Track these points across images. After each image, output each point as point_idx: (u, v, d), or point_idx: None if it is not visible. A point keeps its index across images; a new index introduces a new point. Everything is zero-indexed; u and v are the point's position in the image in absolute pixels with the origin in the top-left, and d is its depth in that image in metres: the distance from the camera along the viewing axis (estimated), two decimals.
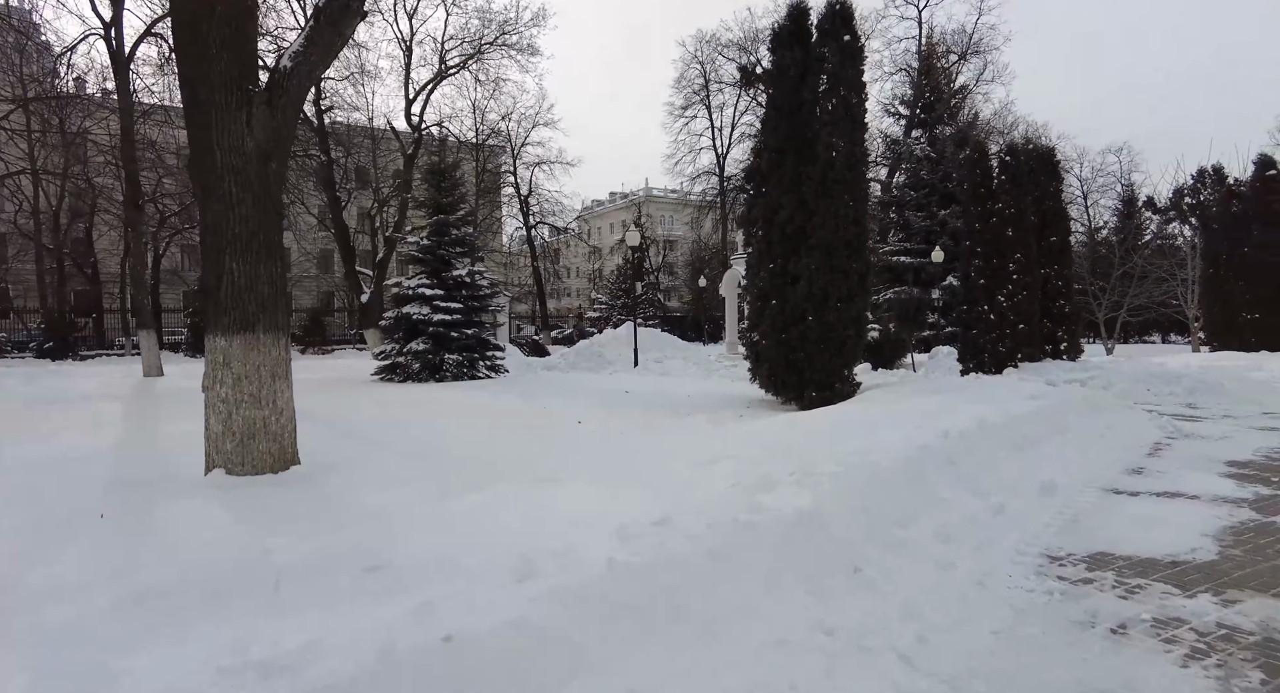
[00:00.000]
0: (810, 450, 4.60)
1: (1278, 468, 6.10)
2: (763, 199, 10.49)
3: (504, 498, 3.55)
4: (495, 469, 5.06)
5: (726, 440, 5.60)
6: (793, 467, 4.05)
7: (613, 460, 5.14)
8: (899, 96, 29.24)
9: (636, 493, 3.55)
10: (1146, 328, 38.01)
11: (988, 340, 13.55)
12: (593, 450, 6.08)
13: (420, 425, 8.50)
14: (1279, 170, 19.88)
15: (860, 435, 5.25)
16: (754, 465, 4.14)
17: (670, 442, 6.08)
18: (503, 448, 6.51)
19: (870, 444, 4.77)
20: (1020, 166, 13.91)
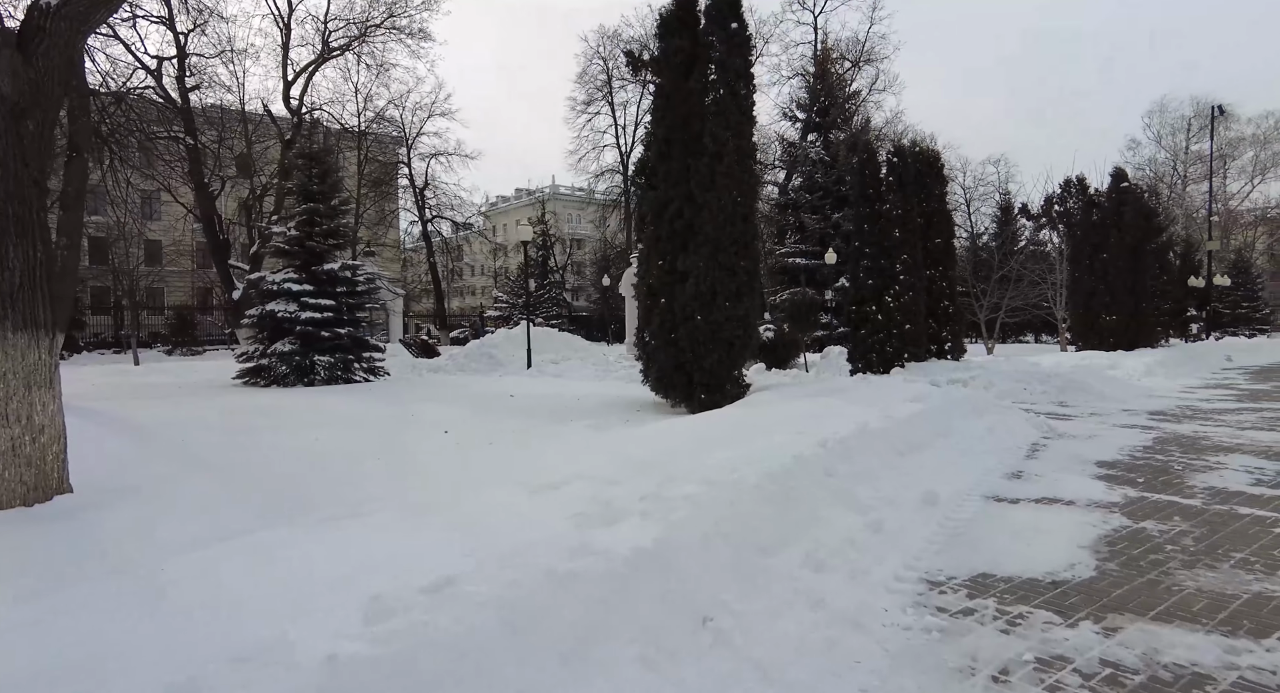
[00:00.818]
0: (676, 465, 4.07)
1: (1141, 468, 6.13)
2: (652, 193, 10.00)
3: (263, 547, 2.78)
4: (305, 496, 4.24)
5: (592, 454, 5.00)
6: (649, 488, 3.50)
7: (445, 484, 4.43)
8: (796, 100, 29.80)
9: (440, 535, 2.87)
10: (1022, 329, 40.69)
11: (876, 340, 13.68)
12: (434, 469, 5.32)
13: (259, 439, 7.42)
14: (1130, 182, 21.49)
15: (735, 444, 4.78)
16: (605, 487, 3.56)
17: (527, 457, 5.43)
18: (335, 467, 5.64)
19: (742, 455, 4.29)
20: (907, 169, 14.14)
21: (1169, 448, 7.03)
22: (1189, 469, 6.04)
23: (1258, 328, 37.35)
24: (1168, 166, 44.79)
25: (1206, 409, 10.07)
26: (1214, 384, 14.03)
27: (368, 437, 7.60)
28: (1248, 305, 37.33)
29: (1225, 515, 4.61)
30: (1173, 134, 44.65)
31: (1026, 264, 28.70)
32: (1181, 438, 7.61)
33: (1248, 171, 46.51)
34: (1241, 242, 46.29)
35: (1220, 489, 5.30)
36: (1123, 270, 19.50)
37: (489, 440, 7.05)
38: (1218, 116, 35.22)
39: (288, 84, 27.07)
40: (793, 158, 28.97)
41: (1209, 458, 6.50)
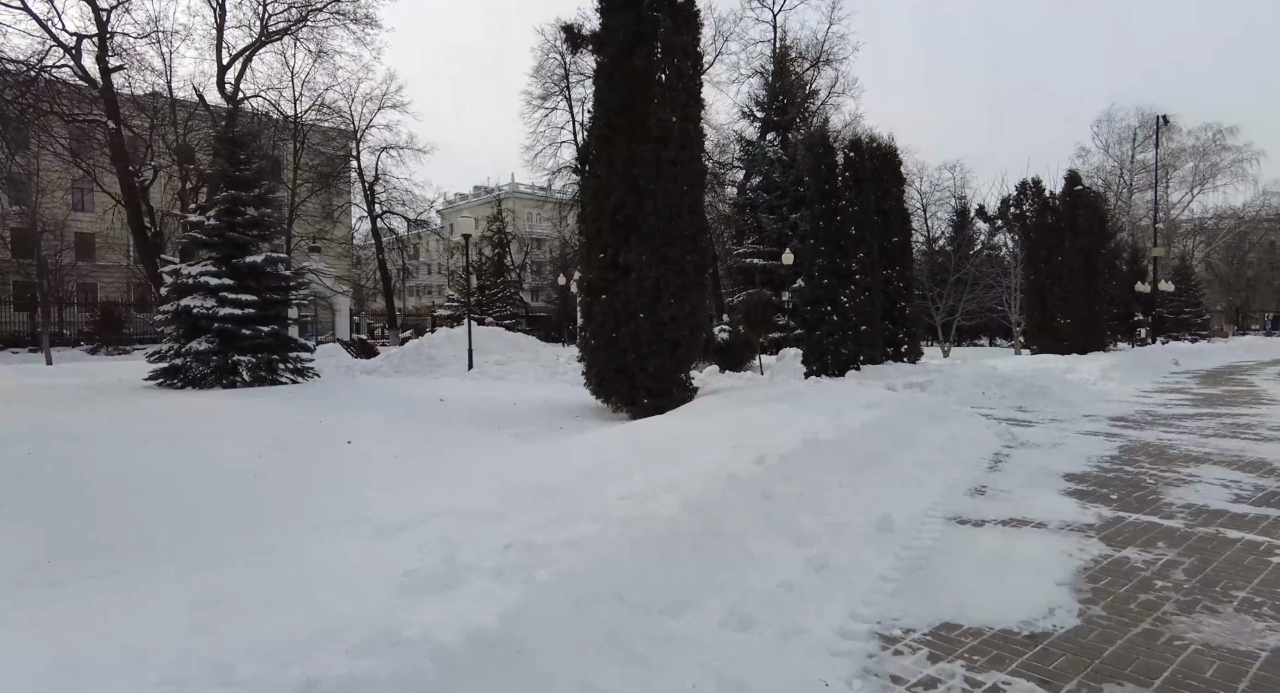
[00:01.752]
0: (581, 492, 3.34)
1: (1112, 482, 5.61)
2: (593, 181, 9.25)
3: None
4: (104, 536, 3.36)
5: (490, 476, 4.22)
6: (525, 531, 2.75)
7: (286, 521, 3.58)
8: (755, 99, 29.38)
9: (168, 625, 2.04)
10: (977, 332, 41.08)
11: (831, 342, 13.15)
12: (296, 495, 4.45)
13: (127, 452, 6.44)
14: (1083, 186, 21.53)
15: (662, 461, 4.07)
16: (473, 527, 2.81)
17: (421, 474, 4.60)
18: (187, 490, 4.74)
19: (665, 477, 3.58)
20: (864, 165, 13.65)
21: (1137, 458, 6.56)
22: (1162, 483, 5.53)
23: (1198, 333, 38.38)
24: (1115, 175, 45.84)
25: (1166, 415, 9.75)
26: (1167, 388, 13.89)
27: (259, 449, 6.67)
28: (1190, 311, 38.29)
29: (1213, 541, 4.06)
30: (1119, 143, 45.75)
31: (982, 268, 28.78)
32: (1148, 447, 7.17)
33: (1188, 182, 47.95)
34: (1182, 249, 47.68)
35: (1200, 507, 4.78)
36: (1077, 274, 19.46)
37: (394, 453, 6.21)
38: (1162, 127, 36.06)
39: (222, 68, 25.57)
40: (751, 157, 28.52)
41: (1180, 470, 6.02)
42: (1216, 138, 45.67)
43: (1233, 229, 53.68)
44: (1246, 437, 7.76)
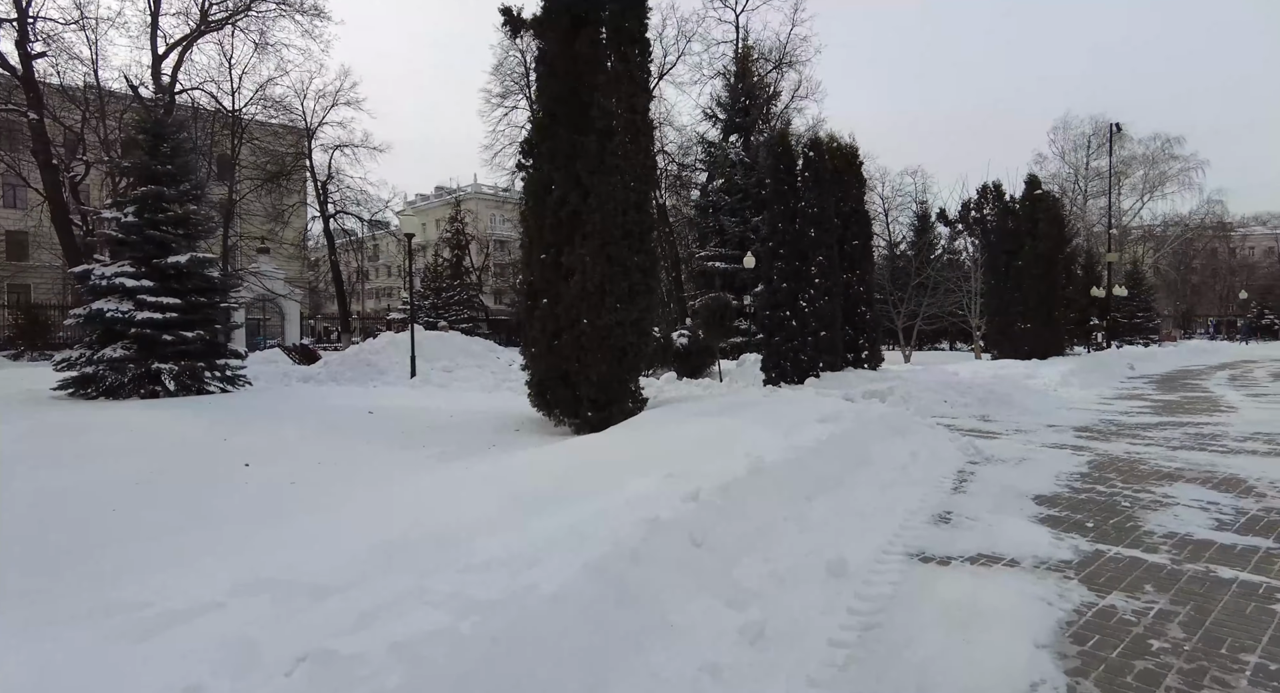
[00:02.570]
0: (435, 562, 2.65)
1: (1085, 505, 5.14)
2: (534, 175, 8.59)
3: None
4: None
5: (368, 518, 3.52)
6: (349, 624, 2.08)
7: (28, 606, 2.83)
8: (717, 100, 29.00)
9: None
10: (937, 336, 41.36)
11: (790, 348, 12.67)
12: (100, 550, 3.65)
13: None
14: (1043, 190, 21.57)
15: (575, 499, 3.44)
16: (281, 618, 2.13)
17: (293, 510, 3.86)
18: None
19: (569, 528, 2.95)
20: (824, 166, 13.24)
21: (1108, 476, 6.13)
22: (1138, 506, 5.08)
23: (1149, 337, 39.20)
24: (1070, 181, 46.70)
25: (1130, 424, 9.44)
26: (1126, 394, 13.73)
27: (142, 473, 5.84)
28: (1142, 315, 39.07)
29: (1206, 582, 3.57)
30: (1075, 150, 46.63)
31: (943, 272, 28.83)
32: (1117, 462, 6.77)
33: (1139, 189, 49.12)
34: (1134, 255, 48.81)
35: (1184, 537, 4.31)
36: (1037, 279, 19.40)
37: (291, 479, 5.45)
38: (1115, 135, 36.73)
39: (158, 58, 24.16)
40: (713, 159, 28.13)
41: (1154, 489, 5.59)
42: (1165, 147, 46.88)
43: (1179, 236, 55.25)
44: (1214, 449, 7.43)
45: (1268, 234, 78.07)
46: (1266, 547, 4.11)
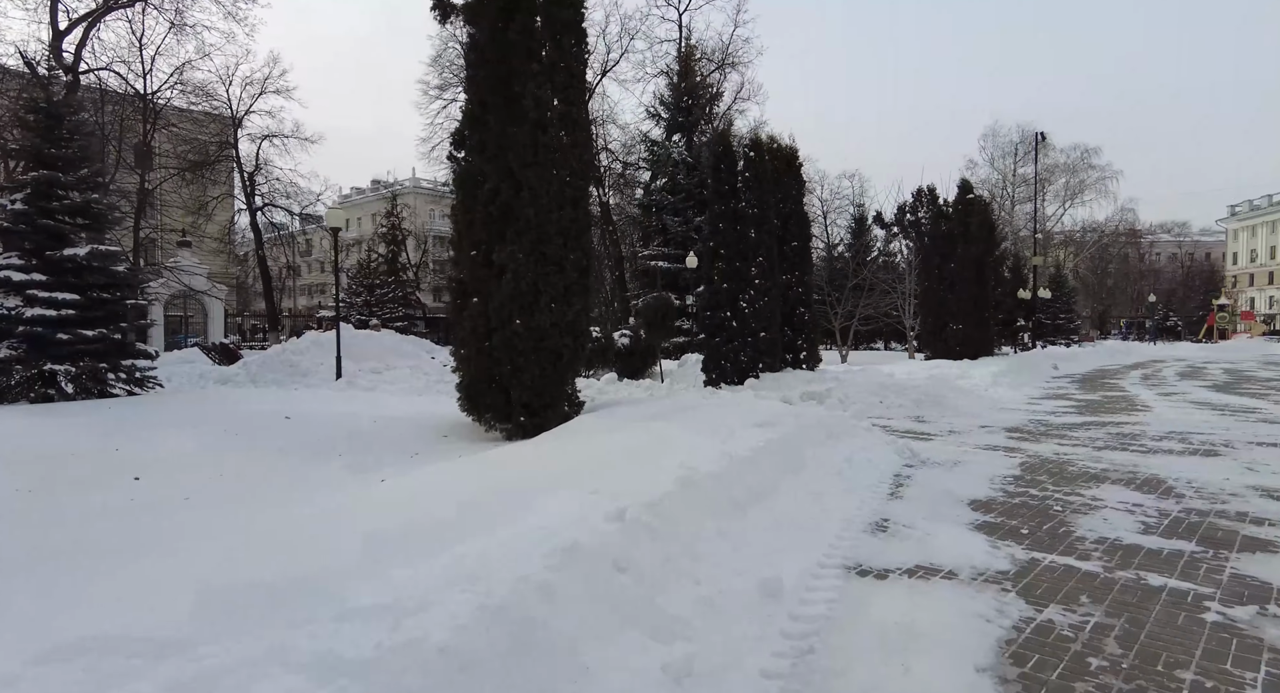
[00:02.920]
0: (306, 610, 2.30)
1: (1019, 509, 5.13)
2: (464, 167, 8.18)
3: None
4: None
5: (240, 549, 3.12)
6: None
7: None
8: (660, 98, 28.88)
9: None
10: (874, 336, 42.36)
11: (730, 349, 12.59)
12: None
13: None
14: (975, 194, 22.23)
15: (487, 525, 3.13)
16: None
17: (134, 554, 3.39)
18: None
19: (474, 559, 2.64)
20: (763, 166, 13.21)
21: (1039, 478, 6.17)
22: (1069, 509, 5.09)
23: (1070, 338, 41.13)
24: (999, 187, 48.58)
25: (1057, 424, 9.68)
26: (1052, 394, 14.19)
27: (21, 485, 5.22)
28: (1064, 317, 40.95)
29: (1137, 592, 3.52)
30: (1003, 157, 48.55)
31: (879, 274, 29.47)
32: (1047, 463, 6.85)
33: (1061, 196, 51.55)
34: (1055, 259, 51.16)
35: (1114, 542, 4.30)
36: (969, 281, 19.94)
37: (185, 495, 4.94)
38: (1040, 143, 38.36)
39: (58, 33, 22.44)
40: (656, 158, 27.99)
41: (1083, 491, 5.64)
42: (1084, 156, 49.32)
43: (1096, 241, 58.25)
44: (1135, 449, 7.63)
45: (1172, 241, 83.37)
46: (1190, 551, 4.13)
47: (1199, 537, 4.39)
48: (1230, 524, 4.66)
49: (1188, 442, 8.06)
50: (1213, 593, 3.47)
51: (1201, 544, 4.23)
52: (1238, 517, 4.85)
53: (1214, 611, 3.27)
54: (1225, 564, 3.88)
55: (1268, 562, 3.94)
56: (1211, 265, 79.20)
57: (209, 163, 35.09)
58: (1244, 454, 7.22)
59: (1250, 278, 72.12)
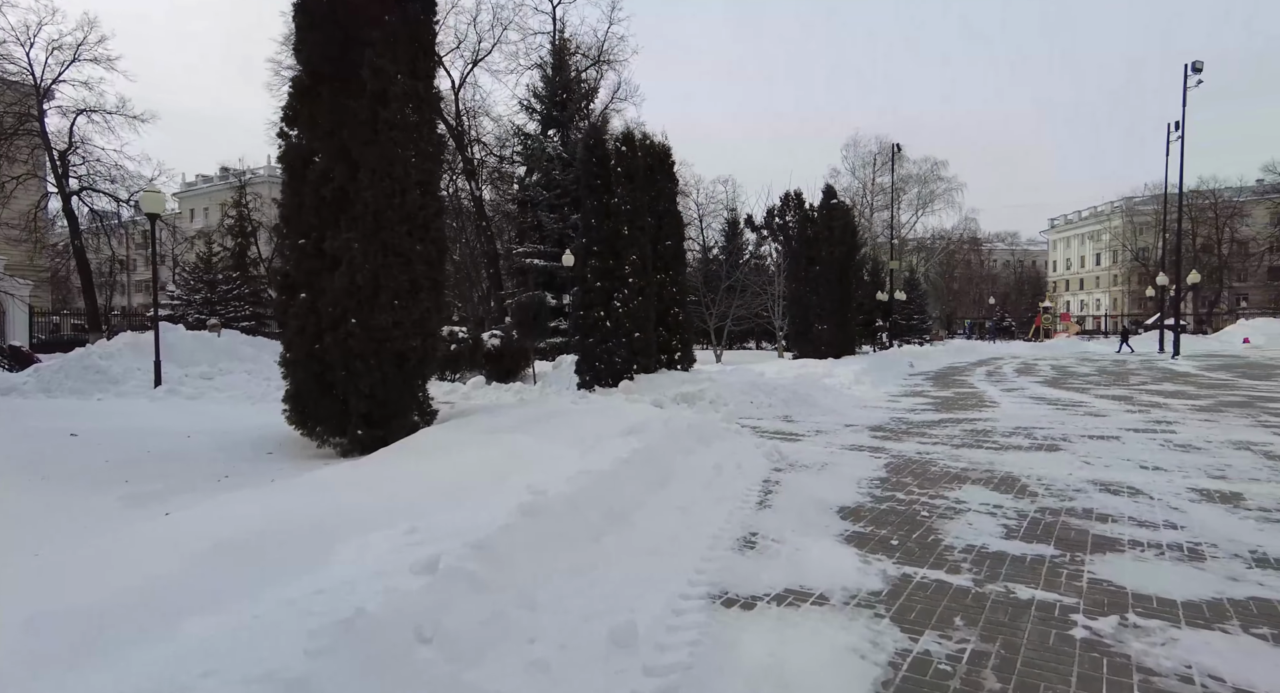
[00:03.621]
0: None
1: (887, 516, 4.97)
2: (293, 145, 7.15)
3: None
4: None
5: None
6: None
7: None
8: (534, 92, 28.04)
9: None
10: (746, 336, 43.61)
11: (604, 350, 12.13)
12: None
13: None
14: (839, 199, 23.21)
15: (240, 593, 2.38)
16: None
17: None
18: None
19: (222, 650, 1.92)
20: (637, 162, 12.86)
21: (904, 480, 6.12)
22: (935, 514, 4.99)
23: (923, 337, 44.38)
24: (859, 195, 51.65)
25: (916, 422, 9.97)
26: (910, 392, 14.84)
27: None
28: (917, 317, 44.09)
29: (1008, 607, 3.34)
30: (863, 166, 51.66)
31: (750, 276, 30.23)
32: (911, 463, 6.87)
33: (914, 205, 55.67)
34: (909, 264, 55.15)
35: (980, 550, 4.18)
36: (833, 282, 20.69)
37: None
38: (896, 155, 41.05)
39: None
40: (530, 152, 27.14)
41: (947, 493, 5.61)
42: (934, 168, 53.51)
43: (944, 248, 63.42)
44: (988, 446, 7.88)
45: (1006, 249, 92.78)
46: (1050, 555, 4.06)
47: (1055, 538, 4.37)
48: (1080, 523, 4.71)
49: (1033, 437, 8.46)
50: (1076, 604, 3.34)
51: (1059, 548, 4.19)
52: (1084, 514, 4.93)
53: (1081, 625, 3.12)
54: (1082, 569, 3.82)
55: (1116, 562, 3.94)
56: (1038, 272, 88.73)
57: (4, 136, 30.31)
58: (1080, 448, 7.62)
59: (1067, 283, 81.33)
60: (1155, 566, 3.86)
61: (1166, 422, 9.58)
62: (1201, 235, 54.99)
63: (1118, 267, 69.97)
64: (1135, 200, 66.36)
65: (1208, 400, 12.25)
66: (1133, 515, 4.84)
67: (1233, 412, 10.63)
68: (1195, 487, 5.69)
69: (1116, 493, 5.51)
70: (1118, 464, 6.66)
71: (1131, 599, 3.39)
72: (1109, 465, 6.62)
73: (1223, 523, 4.66)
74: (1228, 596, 3.44)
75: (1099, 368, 22.67)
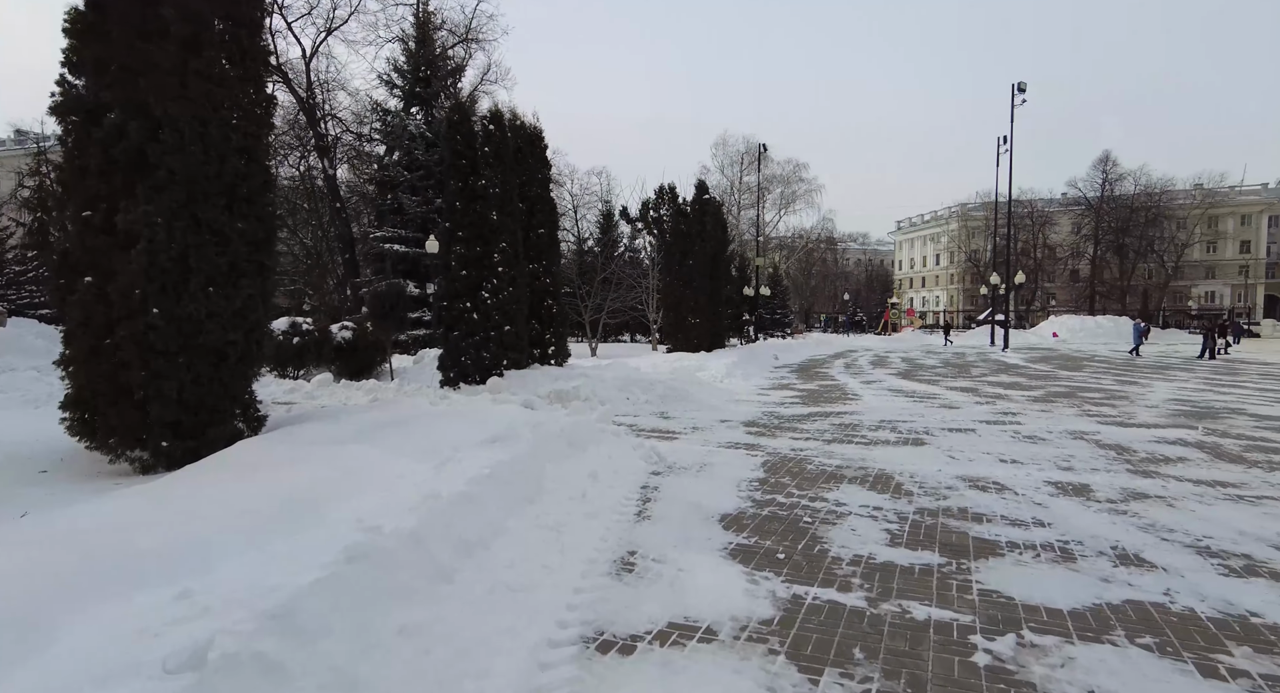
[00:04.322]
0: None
1: (770, 524, 4.71)
2: (73, 96, 5.82)
3: None
4: None
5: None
6: None
7: None
8: (395, 65, 26.08)
9: None
10: (621, 329, 43.55)
11: (471, 344, 11.27)
12: None
13: None
14: (710, 195, 23.42)
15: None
16: None
17: None
18: None
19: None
20: (506, 142, 12.05)
21: (783, 480, 5.93)
22: (818, 519, 4.78)
23: (785, 331, 46.47)
24: (728, 193, 53.03)
25: (788, 416, 10.01)
26: (778, 384, 15.13)
27: None
28: (780, 312, 46.05)
29: (906, 632, 3.09)
30: (732, 165, 53.05)
31: (625, 269, 30.04)
32: (787, 461, 6.73)
33: (777, 204, 58.02)
34: (773, 261, 57.53)
35: (868, 560, 3.97)
36: (705, 276, 20.81)
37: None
38: (762, 155, 42.45)
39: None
40: (391, 130, 25.25)
41: (826, 494, 5.46)
42: (796, 170, 55.90)
43: (804, 246, 66.74)
44: (858, 441, 7.96)
45: (859, 249, 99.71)
46: (936, 564, 3.92)
47: (939, 544, 4.26)
48: (958, 524, 4.67)
49: (898, 430, 8.67)
50: (973, 623, 3.16)
51: (943, 554, 4.07)
52: (960, 514, 4.91)
53: (981, 648, 2.91)
54: (970, 579, 3.69)
55: (999, 568, 3.85)
56: (886, 270, 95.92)
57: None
58: (943, 442, 7.86)
59: (911, 281, 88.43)
60: (1035, 570, 3.81)
61: (1011, 413, 10.23)
62: (1021, 240, 61.56)
63: (954, 266, 76.87)
64: (969, 206, 73.17)
65: (1039, 391, 13.36)
66: (1004, 514, 4.87)
67: (1061, 402, 11.59)
68: (1050, 480, 5.91)
69: (985, 490, 5.60)
70: (980, 458, 6.87)
71: (1022, 612, 3.26)
72: (972, 460, 6.81)
73: (1081, 518, 4.78)
74: (1105, 600, 3.40)
75: (942, 360, 24.52)
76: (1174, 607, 3.32)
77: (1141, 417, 9.82)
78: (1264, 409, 10.66)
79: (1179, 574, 3.73)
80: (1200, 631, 3.08)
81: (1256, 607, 3.32)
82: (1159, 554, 4.04)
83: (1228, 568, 3.84)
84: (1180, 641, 2.98)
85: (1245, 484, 5.82)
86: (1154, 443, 7.69)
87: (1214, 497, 5.38)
